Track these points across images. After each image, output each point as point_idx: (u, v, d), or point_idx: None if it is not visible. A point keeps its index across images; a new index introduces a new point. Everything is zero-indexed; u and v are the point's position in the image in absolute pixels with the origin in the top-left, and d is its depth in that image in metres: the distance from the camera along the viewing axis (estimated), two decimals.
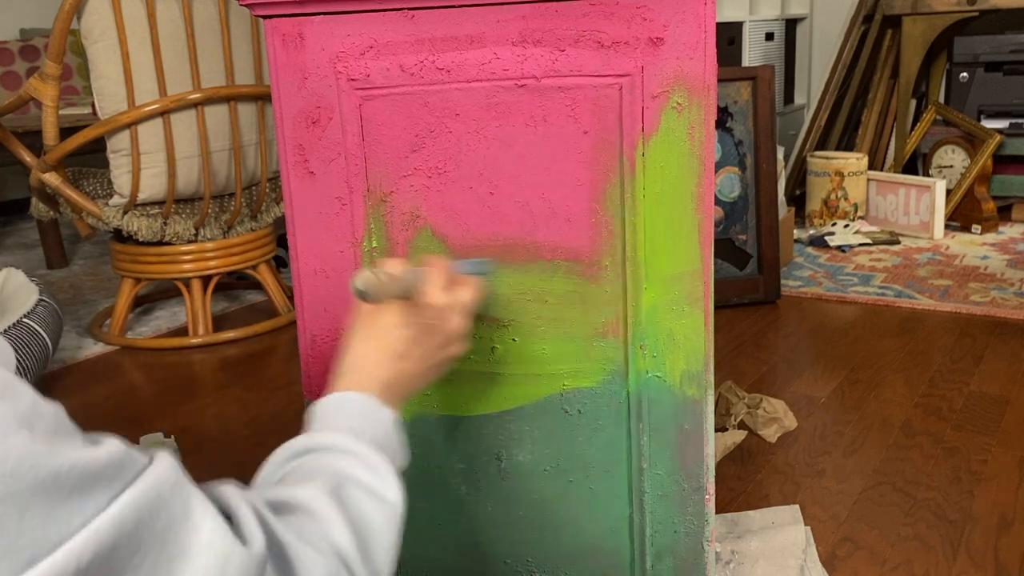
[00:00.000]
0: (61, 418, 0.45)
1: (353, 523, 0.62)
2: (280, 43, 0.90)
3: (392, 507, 0.65)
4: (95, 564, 0.42)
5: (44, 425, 0.43)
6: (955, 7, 3.27)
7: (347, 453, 0.67)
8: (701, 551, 1.01)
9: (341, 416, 0.71)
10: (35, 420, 0.42)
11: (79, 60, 4.08)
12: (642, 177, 0.90)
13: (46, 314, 2.10)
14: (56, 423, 0.44)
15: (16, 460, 0.40)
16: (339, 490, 0.63)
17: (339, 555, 0.59)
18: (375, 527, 0.64)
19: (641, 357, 0.95)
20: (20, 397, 0.42)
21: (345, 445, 0.67)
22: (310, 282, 0.96)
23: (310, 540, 0.57)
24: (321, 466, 0.66)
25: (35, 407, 0.43)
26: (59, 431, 0.44)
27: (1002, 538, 1.34)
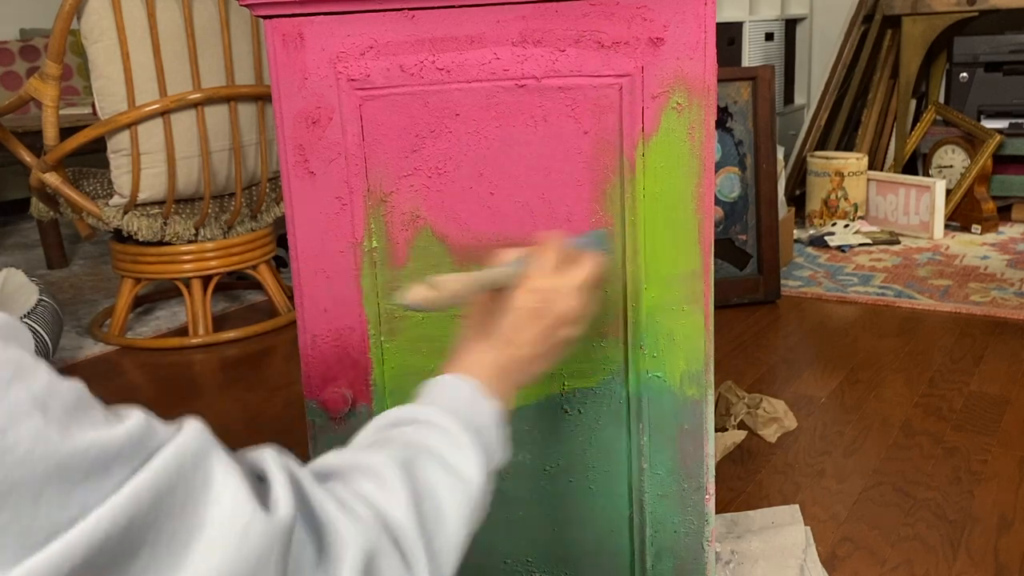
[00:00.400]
0: (81, 395, 0.44)
1: (417, 496, 0.59)
2: (280, 43, 0.90)
3: (468, 485, 0.62)
4: (111, 542, 0.42)
5: (60, 405, 0.42)
6: (955, 7, 3.27)
7: (434, 426, 0.64)
8: (701, 551, 1.01)
9: (441, 396, 0.69)
10: (50, 401, 0.42)
11: (79, 60, 4.08)
12: (642, 177, 0.90)
13: (46, 314, 2.10)
14: (75, 401, 0.43)
15: (28, 446, 0.40)
16: (412, 460, 0.60)
17: (387, 527, 0.56)
18: (443, 503, 0.61)
19: (641, 357, 0.95)
20: (36, 378, 0.42)
21: (436, 419, 0.65)
22: (310, 282, 0.96)
23: (352, 508, 0.55)
24: (403, 435, 0.63)
25: (51, 387, 0.42)
26: (77, 409, 0.43)
27: (1002, 538, 1.34)
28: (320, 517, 0.53)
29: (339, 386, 0.98)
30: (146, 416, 0.46)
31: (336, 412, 0.98)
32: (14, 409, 0.40)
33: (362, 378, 0.98)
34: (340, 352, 0.97)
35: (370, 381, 0.98)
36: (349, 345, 0.97)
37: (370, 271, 0.95)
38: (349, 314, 0.96)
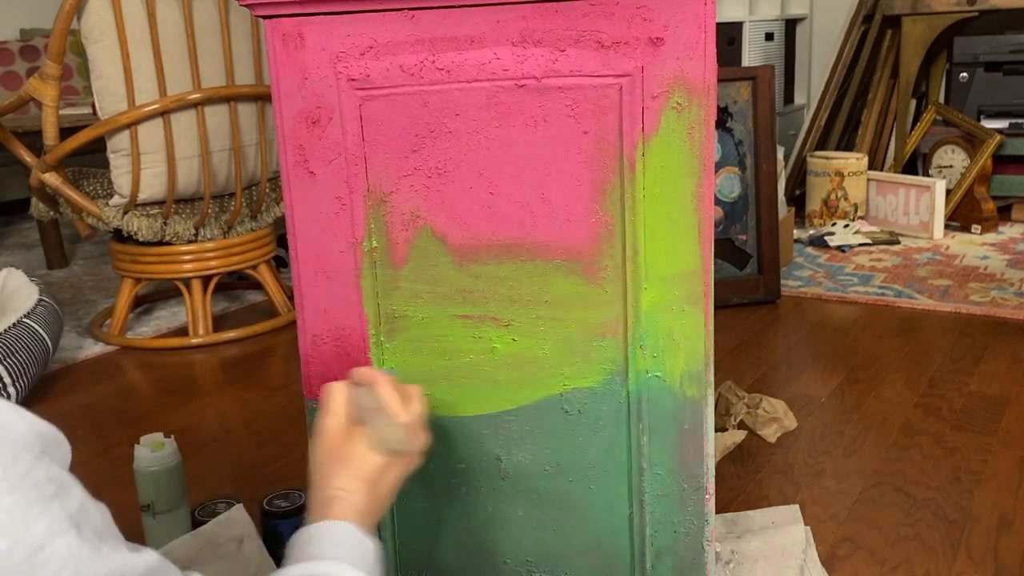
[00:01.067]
0: (107, 519, 0.47)
1: None
2: (280, 43, 0.90)
3: None
4: None
5: (91, 526, 0.45)
6: (955, 7, 3.27)
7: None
8: (701, 551, 1.01)
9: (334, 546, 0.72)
10: (83, 521, 0.44)
11: (79, 60, 4.08)
12: (642, 177, 0.90)
13: (46, 314, 2.10)
14: (102, 523, 0.46)
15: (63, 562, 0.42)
16: None
17: None
18: None
19: (641, 357, 0.95)
20: (72, 497, 0.44)
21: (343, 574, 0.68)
22: (310, 282, 0.96)
23: None
24: None
25: (84, 507, 0.45)
26: (104, 531, 0.46)
27: (1002, 538, 1.34)
28: None
29: None
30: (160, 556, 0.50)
31: None
32: (54, 526, 0.42)
33: None
34: (340, 352, 0.97)
35: None
36: (349, 345, 0.97)
37: (370, 271, 0.95)
38: (349, 314, 0.96)
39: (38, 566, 0.41)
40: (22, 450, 0.42)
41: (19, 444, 0.42)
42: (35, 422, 0.44)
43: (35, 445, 0.43)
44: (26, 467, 0.42)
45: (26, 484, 0.42)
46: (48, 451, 0.44)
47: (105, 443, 1.79)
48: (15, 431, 0.43)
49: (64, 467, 0.45)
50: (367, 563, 0.72)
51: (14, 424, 0.43)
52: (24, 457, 0.42)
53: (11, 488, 0.41)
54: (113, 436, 1.83)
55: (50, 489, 0.43)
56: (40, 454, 0.43)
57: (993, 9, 3.23)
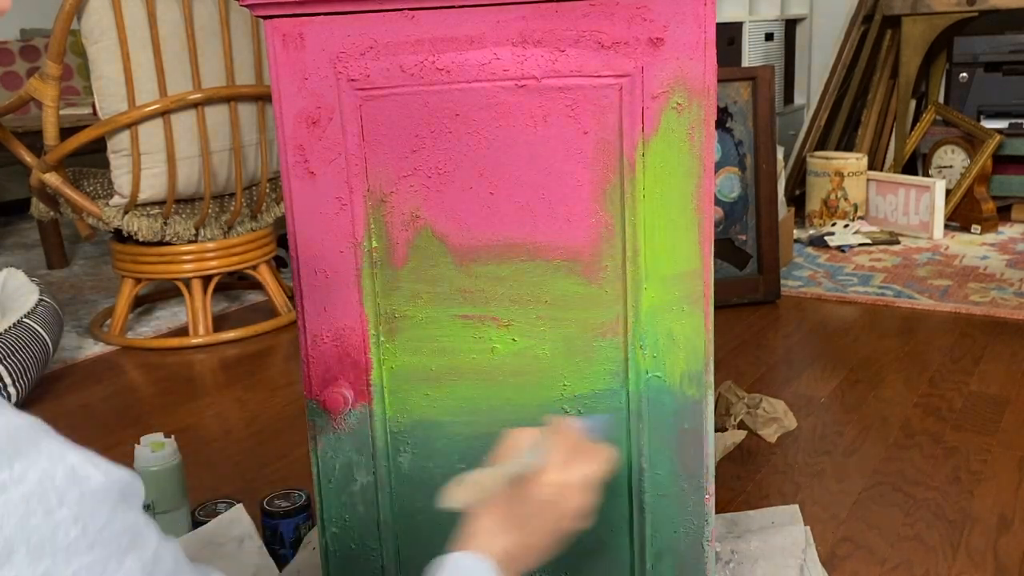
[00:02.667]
0: (178, 559, 0.47)
1: None
2: (280, 43, 0.90)
3: None
4: None
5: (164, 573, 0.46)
6: (955, 7, 3.27)
7: None
8: (701, 551, 1.01)
9: None
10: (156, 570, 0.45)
11: (79, 60, 4.08)
12: (642, 177, 0.90)
13: (46, 314, 2.10)
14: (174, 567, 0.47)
15: None
16: None
17: None
18: None
19: (641, 357, 0.95)
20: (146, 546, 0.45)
21: None
22: (310, 282, 0.96)
23: None
24: None
25: (157, 554, 0.45)
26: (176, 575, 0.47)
27: (1002, 538, 1.34)
28: None
29: (339, 386, 0.98)
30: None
31: (336, 412, 0.98)
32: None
33: (362, 378, 0.98)
34: (340, 352, 0.98)
35: (370, 381, 0.98)
36: (349, 345, 0.97)
37: (370, 271, 0.95)
38: (349, 314, 0.96)
39: None
40: (100, 502, 0.43)
41: (98, 497, 0.43)
42: (110, 471, 0.45)
43: (112, 495, 0.44)
44: (104, 520, 0.43)
45: (104, 538, 0.42)
46: (125, 499, 0.45)
47: (105, 443, 1.79)
48: (92, 484, 0.43)
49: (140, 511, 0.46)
50: None
51: (92, 477, 0.43)
52: (102, 510, 0.43)
53: (90, 545, 0.42)
54: (113, 436, 1.83)
55: (126, 541, 0.44)
56: (116, 504, 0.44)
57: (993, 9, 3.23)
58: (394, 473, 1.01)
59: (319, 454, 1.01)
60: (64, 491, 0.42)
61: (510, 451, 0.81)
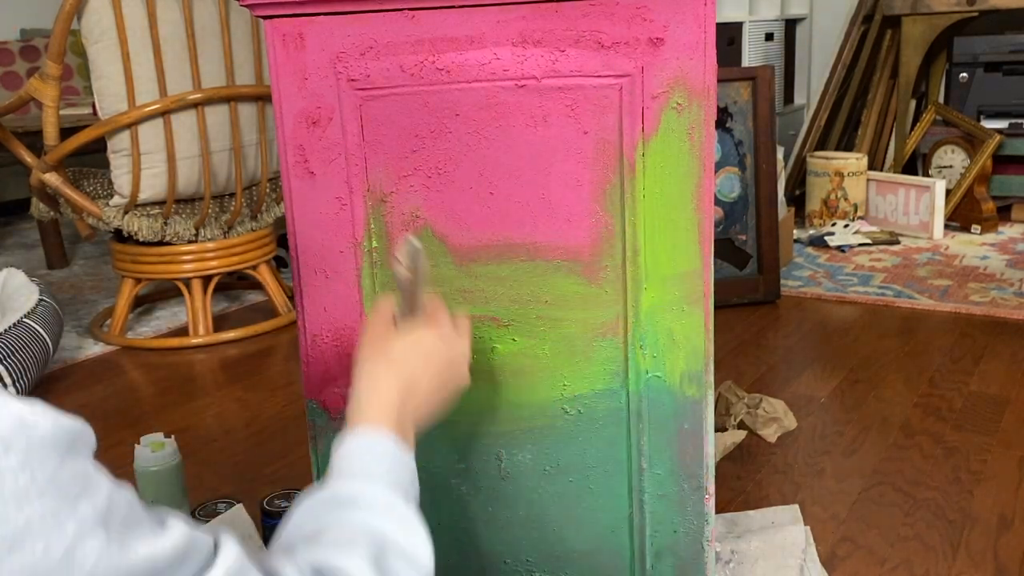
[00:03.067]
0: (132, 504, 0.47)
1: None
2: (280, 43, 0.90)
3: (425, 566, 0.66)
4: None
5: (119, 518, 0.45)
6: (955, 7, 3.27)
7: (385, 511, 0.66)
8: (701, 551, 1.01)
9: (370, 462, 0.70)
10: (111, 515, 0.45)
11: (79, 60, 4.08)
12: (642, 177, 0.90)
13: (46, 314, 2.10)
14: (128, 512, 0.46)
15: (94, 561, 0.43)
16: (381, 561, 0.63)
17: None
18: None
19: (641, 357, 0.95)
20: (98, 492, 0.45)
21: (383, 501, 0.67)
22: (310, 282, 0.96)
23: None
24: (361, 527, 0.65)
25: (110, 499, 0.45)
26: (131, 520, 0.46)
27: (1002, 538, 1.34)
28: None
29: (339, 386, 0.98)
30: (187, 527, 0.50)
31: (336, 412, 0.98)
32: (82, 527, 0.43)
33: None
34: (340, 352, 0.98)
35: None
36: (349, 345, 0.97)
37: (370, 271, 0.95)
38: (349, 314, 0.96)
39: (74, 565, 0.42)
40: (49, 450, 0.43)
41: (46, 445, 0.43)
42: (58, 419, 0.45)
43: (61, 443, 0.44)
44: (53, 468, 0.43)
45: (54, 485, 0.42)
46: (74, 447, 0.45)
47: (105, 443, 1.79)
48: (40, 431, 0.43)
49: (89, 459, 0.46)
50: (404, 478, 0.70)
51: (39, 425, 0.43)
52: (50, 458, 0.43)
53: (40, 492, 0.42)
54: (113, 436, 1.83)
55: (77, 487, 0.43)
56: (66, 452, 0.44)
57: (993, 9, 3.23)
58: None
59: (319, 454, 1.01)
60: (11, 439, 0.42)
61: None
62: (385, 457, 0.70)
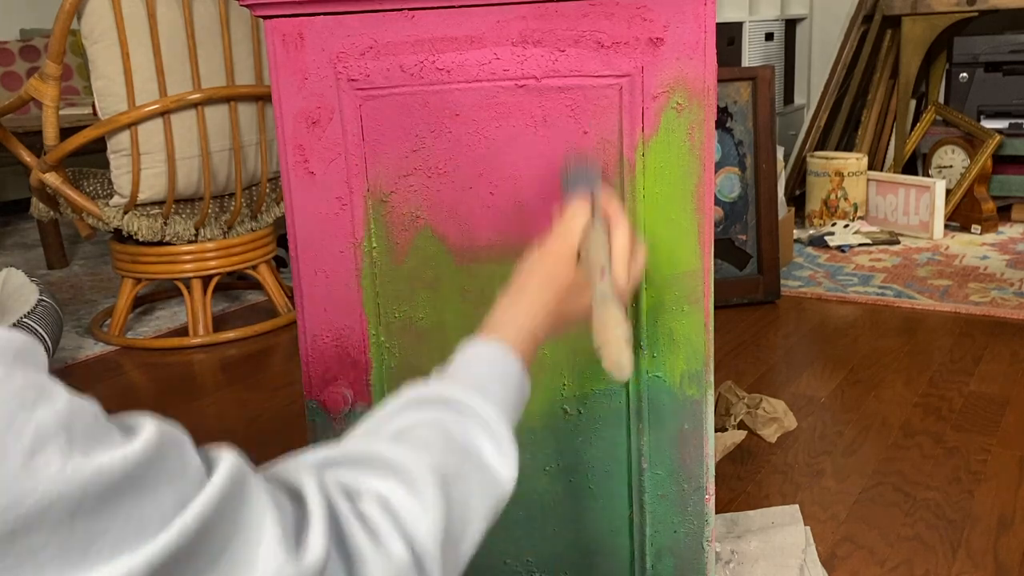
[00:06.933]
0: (97, 414, 0.45)
1: (449, 511, 0.58)
2: (280, 43, 0.90)
3: (502, 489, 0.63)
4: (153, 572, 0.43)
5: (82, 425, 0.43)
6: (955, 7, 3.27)
7: (475, 417, 0.64)
8: (701, 551, 1.01)
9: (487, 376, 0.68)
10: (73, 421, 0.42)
11: (79, 60, 4.08)
12: (642, 177, 0.90)
13: (46, 314, 2.10)
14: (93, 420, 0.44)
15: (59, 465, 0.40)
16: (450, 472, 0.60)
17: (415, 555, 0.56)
18: (472, 516, 0.61)
19: (641, 357, 0.95)
20: (56, 398, 0.42)
21: (476, 407, 0.64)
22: (310, 282, 0.96)
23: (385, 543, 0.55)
24: (440, 425, 0.62)
25: (71, 407, 0.43)
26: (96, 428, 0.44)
27: (1002, 538, 1.34)
28: (354, 557, 0.54)
29: (339, 386, 0.98)
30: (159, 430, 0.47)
31: (336, 412, 0.98)
32: (42, 431, 0.40)
33: (362, 378, 0.98)
34: (340, 352, 0.98)
35: (370, 381, 0.98)
36: (349, 345, 0.97)
37: (370, 271, 0.95)
38: (349, 314, 0.96)
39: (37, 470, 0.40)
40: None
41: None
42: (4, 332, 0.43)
43: (8, 353, 0.42)
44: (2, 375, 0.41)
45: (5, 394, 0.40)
46: (22, 358, 0.42)
47: None
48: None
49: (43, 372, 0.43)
50: (509, 402, 0.67)
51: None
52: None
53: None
54: None
55: (31, 395, 0.41)
56: (13, 362, 0.42)
57: (993, 9, 3.23)
58: None
59: None
60: None
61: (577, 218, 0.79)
62: (505, 378, 0.68)
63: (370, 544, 0.54)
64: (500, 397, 0.67)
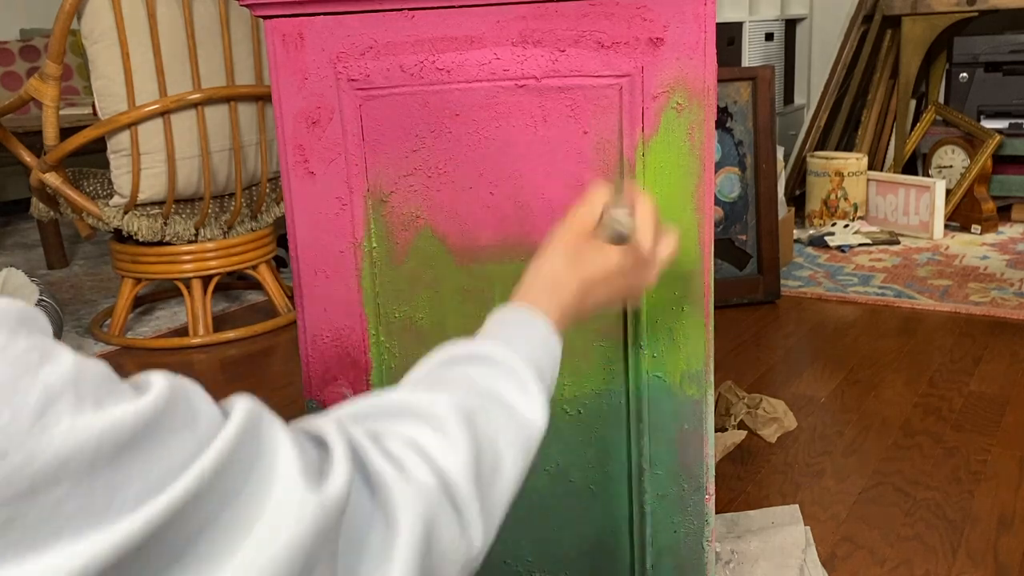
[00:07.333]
0: (105, 371, 0.45)
1: (478, 449, 0.58)
2: (280, 43, 0.90)
3: (531, 429, 0.63)
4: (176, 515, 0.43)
5: (90, 381, 0.43)
6: (955, 7, 3.27)
7: (503, 367, 0.64)
8: (701, 551, 1.01)
9: (518, 336, 0.68)
10: (81, 378, 0.42)
11: (79, 60, 4.08)
12: (642, 177, 0.90)
13: (46, 314, 2.09)
14: (102, 377, 0.44)
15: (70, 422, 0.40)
16: (476, 408, 0.60)
17: (446, 488, 0.56)
18: (503, 456, 0.61)
19: (641, 357, 0.95)
20: (61, 359, 0.42)
21: (500, 356, 0.64)
22: (310, 282, 0.96)
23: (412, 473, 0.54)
24: (468, 375, 0.63)
25: (78, 365, 0.43)
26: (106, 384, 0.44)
27: (1002, 538, 1.34)
28: (379, 486, 0.53)
29: (339, 386, 0.98)
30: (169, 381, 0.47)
31: None
32: (49, 391, 0.41)
33: (362, 378, 0.98)
34: (340, 352, 0.98)
35: (370, 381, 0.98)
36: (349, 345, 0.97)
37: (370, 271, 0.95)
38: (349, 314, 0.96)
39: (48, 426, 0.40)
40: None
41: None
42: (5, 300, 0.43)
43: (9, 319, 0.42)
44: (4, 339, 0.41)
45: (7, 357, 0.40)
46: (24, 323, 0.43)
47: None
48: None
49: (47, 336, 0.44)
50: (543, 360, 0.67)
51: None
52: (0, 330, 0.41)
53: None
54: None
55: (35, 356, 0.41)
56: (15, 327, 0.42)
57: (993, 9, 3.23)
58: None
59: None
60: None
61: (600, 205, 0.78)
62: (535, 340, 0.68)
63: (396, 474, 0.54)
64: (526, 351, 0.66)
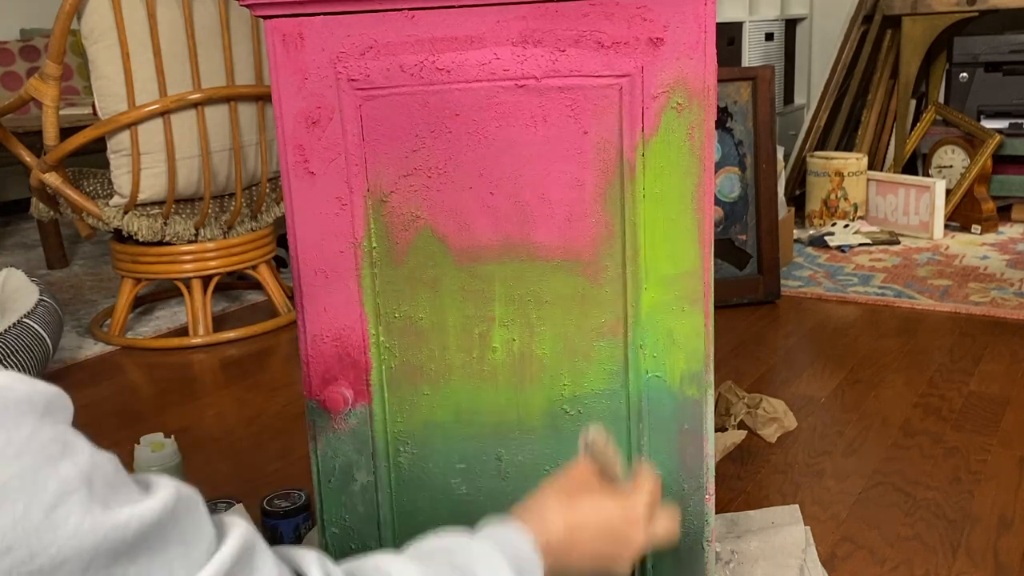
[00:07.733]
0: (116, 467, 0.46)
1: None
2: (280, 43, 0.90)
3: None
4: None
5: (102, 479, 0.44)
6: (955, 7, 3.27)
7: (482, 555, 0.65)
8: (701, 551, 1.01)
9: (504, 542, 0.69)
10: (94, 476, 0.44)
11: (79, 60, 4.08)
12: (642, 177, 0.90)
13: (46, 314, 2.10)
14: (113, 474, 0.45)
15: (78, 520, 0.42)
16: None
17: None
18: None
19: (641, 357, 0.95)
20: (79, 453, 0.44)
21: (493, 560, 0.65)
22: (310, 282, 0.96)
23: None
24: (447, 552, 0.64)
25: (93, 461, 0.44)
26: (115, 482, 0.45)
27: (1002, 538, 1.34)
28: None
29: (339, 386, 0.98)
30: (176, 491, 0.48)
31: (336, 412, 0.98)
32: (64, 486, 0.42)
33: (362, 378, 0.98)
34: (340, 352, 0.98)
35: (370, 381, 0.98)
36: (349, 345, 0.97)
37: (370, 271, 0.95)
38: (349, 314, 0.96)
39: (57, 525, 0.41)
40: (25, 412, 0.42)
41: (21, 406, 0.42)
42: (34, 383, 0.44)
43: (37, 406, 0.43)
44: (29, 430, 0.42)
45: (31, 447, 0.41)
46: (51, 411, 0.44)
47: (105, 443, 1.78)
48: (15, 394, 0.42)
49: (68, 424, 0.45)
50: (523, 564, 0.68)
51: (14, 387, 0.43)
52: (27, 419, 0.42)
53: (18, 453, 0.41)
54: (113, 436, 1.83)
55: (56, 449, 0.42)
56: (43, 414, 0.43)
57: (993, 9, 3.23)
58: (394, 473, 1.01)
59: (319, 454, 1.01)
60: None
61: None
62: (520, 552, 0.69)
63: None
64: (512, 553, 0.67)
